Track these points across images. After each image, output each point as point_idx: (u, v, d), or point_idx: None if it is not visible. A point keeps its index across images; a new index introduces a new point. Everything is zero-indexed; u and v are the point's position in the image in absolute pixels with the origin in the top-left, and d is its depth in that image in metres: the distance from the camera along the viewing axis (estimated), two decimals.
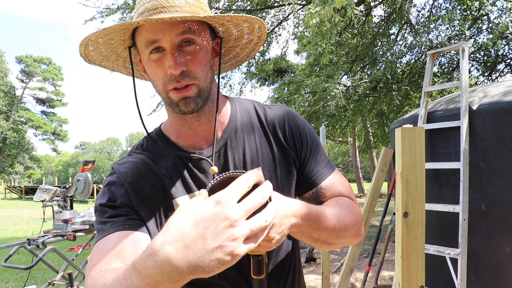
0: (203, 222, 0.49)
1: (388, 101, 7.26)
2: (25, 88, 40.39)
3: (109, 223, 0.80)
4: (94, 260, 0.74)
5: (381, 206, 9.76)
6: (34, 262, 3.13)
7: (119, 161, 0.92)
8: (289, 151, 0.94)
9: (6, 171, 37.54)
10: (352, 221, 0.88)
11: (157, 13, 0.79)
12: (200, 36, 0.82)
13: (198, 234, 0.49)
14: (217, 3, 7.25)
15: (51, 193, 3.90)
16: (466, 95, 2.93)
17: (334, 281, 4.54)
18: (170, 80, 0.80)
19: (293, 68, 15.84)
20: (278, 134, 0.95)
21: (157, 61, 0.81)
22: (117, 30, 0.80)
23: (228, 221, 0.50)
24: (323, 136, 4.02)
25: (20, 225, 11.30)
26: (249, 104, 1.00)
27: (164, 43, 0.79)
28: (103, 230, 0.80)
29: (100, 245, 0.77)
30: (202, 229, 0.49)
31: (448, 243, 2.97)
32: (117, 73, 0.98)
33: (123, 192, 0.84)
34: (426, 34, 6.31)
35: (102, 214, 0.83)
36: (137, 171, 0.87)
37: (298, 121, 0.97)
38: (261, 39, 0.94)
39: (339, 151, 33.46)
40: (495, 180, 2.79)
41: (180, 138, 0.92)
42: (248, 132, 0.94)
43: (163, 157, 0.90)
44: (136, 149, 0.94)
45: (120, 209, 0.83)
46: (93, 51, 0.85)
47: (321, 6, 3.78)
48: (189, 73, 0.80)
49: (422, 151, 1.34)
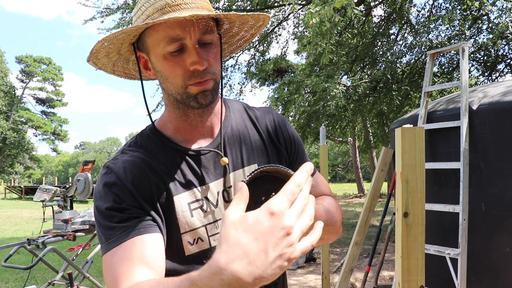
0: (263, 236, 0.50)
1: (388, 101, 7.26)
2: (25, 88, 40.39)
3: (120, 229, 0.77)
4: (120, 269, 0.72)
5: (381, 206, 9.75)
6: (34, 262, 3.13)
7: (113, 159, 0.87)
8: (281, 150, 0.98)
9: (6, 171, 37.55)
10: (339, 218, 0.93)
11: (179, 9, 0.79)
12: (214, 33, 0.84)
13: (260, 249, 0.50)
14: (217, 3, 7.25)
15: (51, 193, 3.90)
16: (466, 95, 2.93)
17: (334, 281, 4.54)
18: (192, 76, 0.80)
19: (293, 68, 15.83)
20: (270, 134, 0.98)
21: (176, 58, 0.80)
22: (142, 28, 0.80)
23: (285, 230, 0.51)
24: (323, 136, 4.02)
25: (20, 225, 11.30)
26: (239, 105, 1.02)
27: (188, 40, 0.79)
28: (116, 237, 0.76)
29: (119, 253, 0.74)
30: (263, 244, 0.50)
31: (448, 243, 2.97)
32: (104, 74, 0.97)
33: (128, 194, 0.81)
34: (426, 34, 6.31)
35: (110, 218, 0.79)
36: (137, 170, 0.84)
37: (286, 122, 1.02)
38: (253, 36, 0.96)
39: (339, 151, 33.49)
40: (495, 180, 2.79)
41: (178, 134, 0.91)
42: (242, 130, 0.96)
43: (160, 153, 0.88)
44: (129, 146, 0.90)
45: (128, 211, 0.79)
46: (104, 47, 0.84)
47: (321, 6, 3.78)
48: (210, 68, 0.82)
49: (422, 151, 1.34)
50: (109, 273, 0.73)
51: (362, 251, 6.02)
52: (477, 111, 2.88)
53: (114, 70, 0.95)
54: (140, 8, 0.83)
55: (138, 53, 0.87)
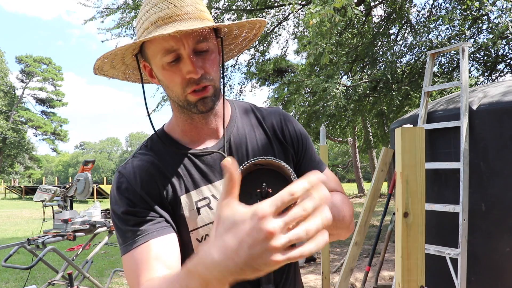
0: (241, 235, 0.52)
1: (388, 101, 7.26)
2: (25, 88, 40.37)
3: (136, 232, 0.83)
4: (138, 271, 0.78)
5: (381, 206, 9.75)
6: (34, 262, 3.12)
7: (124, 163, 0.94)
8: (288, 148, 0.99)
9: (6, 171, 37.54)
10: (349, 213, 0.93)
11: (172, 22, 0.82)
12: (210, 40, 0.86)
13: (236, 246, 0.53)
14: (217, 3, 7.25)
15: (51, 193, 3.90)
16: (466, 95, 2.93)
17: (334, 281, 4.54)
18: (189, 84, 0.84)
19: (293, 68, 15.83)
20: (276, 132, 0.99)
21: (173, 67, 0.84)
22: (138, 44, 0.84)
23: (262, 233, 0.51)
24: (323, 136, 4.02)
25: (20, 225, 11.30)
26: (247, 105, 1.05)
27: (182, 50, 0.82)
28: (133, 240, 0.82)
29: (137, 255, 0.80)
30: (239, 242, 0.52)
31: (448, 243, 2.97)
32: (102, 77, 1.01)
33: (139, 198, 0.86)
34: (426, 34, 6.31)
35: (126, 222, 0.84)
36: (145, 174, 0.89)
37: (292, 120, 1.03)
38: (256, 36, 0.99)
39: (339, 151, 33.49)
40: (495, 180, 2.79)
41: (185, 136, 0.95)
42: (248, 130, 0.98)
43: (168, 155, 0.93)
44: (140, 150, 0.96)
45: (142, 214, 0.85)
46: (106, 63, 0.89)
47: (321, 6, 3.78)
48: (206, 75, 0.85)
49: (422, 151, 1.34)
50: (130, 274, 0.80)
51: (362, 251, 6.02)
52: (477, 111, 2.88)
53: (127, 77, 1.00)
54: (140, 20, 0.88)
55: (143, 62, 0.92)
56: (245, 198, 0.70)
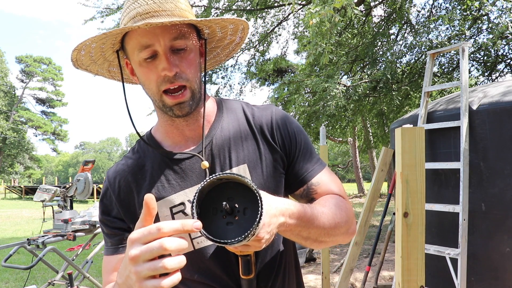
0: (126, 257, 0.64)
1: (388, 101, 7.26)
2: (25, 88, 40.36)
3: (108, 242, 0.93)
4: (104, 277, 0.92)
5: (381, 206, 9.76)
6: (34, 262, 3.12)
7: (114, 165, 0.98)
8: (276, 149, 0.94)
9: (6, 171, 37.53)
10: (343, 219, 0.88)
11: (149, 17, 0.80)
12: (189, 38, 0.84)
13: (124, 266, 0.66)
14: (217, 3, 7.24)
15: (51, 193, 3.90)
16: (466, 95, 2.93)
17: (334, 281, 4.55)
18: (163, 81, 0.82)
19: (293, 68, 15.84)
20: (265, 133, 0.94)
21: (149, 64, 0.82)
22: (114, 35, 0.81)
23: (128, 257, 0.62)
24: (323, 136, 4.02)
25: (20, 225, 11.30)
26: (237, 104, 1.00)
27: (158, 47, 0.80)
28: (106, 248, 0.94)
29: (105, 264, 0.93)
30: (125, 263, 0.65)
31: (448, 243, 2.97)
32: (100, 77, 0.99)
33: (113, 205, 0.92)
34: (426, 34, 6.30)
35: (102, 228, 0.94)
36: (124, 181, 0.93)
37: (286, 119, 0.97)
38: (242, 39, 0.96)
39: (339, 151, 33.47)
40: (495, 180, 2.79)
41: (167, 138, 0.94)
42: (234, 130, 0.94)
43: (149, 159, 0.93)
44: (128, 153, 0.99)
45: (113, 224, 0.92)
46: (84, 56, 0.86)
47: (321, 6, 3.77)
48: (181, 74, 0.83)
49: (422, 151, 1.34)
50: (103, 274, 0.93)
51: (362, 251, 6.02)
52: (477, 111, 2.87)
53: (112, 75, 0.99)
54: (122, 15, 0.87)
55: (125, 60, 0.90)
56: (210, 214, 0.69)
